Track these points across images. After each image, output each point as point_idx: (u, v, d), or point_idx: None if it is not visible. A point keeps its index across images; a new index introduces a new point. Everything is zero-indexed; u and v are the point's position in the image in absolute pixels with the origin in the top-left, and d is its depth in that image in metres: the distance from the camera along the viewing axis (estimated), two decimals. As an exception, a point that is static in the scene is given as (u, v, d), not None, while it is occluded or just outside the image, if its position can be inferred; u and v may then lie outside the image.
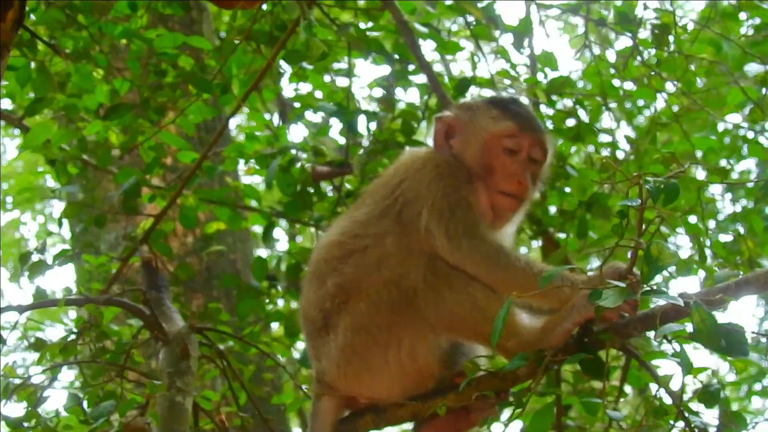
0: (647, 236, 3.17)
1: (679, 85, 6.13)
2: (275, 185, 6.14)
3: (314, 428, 3.81)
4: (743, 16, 6.54)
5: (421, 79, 6.82)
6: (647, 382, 5.28)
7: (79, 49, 5.44)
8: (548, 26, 13.58)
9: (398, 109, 6.73)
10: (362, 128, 6.40)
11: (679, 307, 3.09)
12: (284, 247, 9.59)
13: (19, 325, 4.04)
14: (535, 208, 6.25)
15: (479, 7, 7.06)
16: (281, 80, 7.41)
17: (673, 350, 3.17)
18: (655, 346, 3.52)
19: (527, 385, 3.45)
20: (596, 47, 6.96)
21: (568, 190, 6.29)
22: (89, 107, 5.75)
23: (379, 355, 3.67)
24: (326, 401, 3.81)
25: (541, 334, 3.54)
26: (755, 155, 7.39)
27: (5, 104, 6.37)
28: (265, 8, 5.49)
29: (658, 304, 3.35)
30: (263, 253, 8.31)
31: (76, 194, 6.30)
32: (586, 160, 6.56)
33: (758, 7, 6.31)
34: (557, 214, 6.44)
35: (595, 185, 6.14)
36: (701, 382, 3.28)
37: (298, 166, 6.20)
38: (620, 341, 3.44)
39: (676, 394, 3.24)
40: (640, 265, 3.19)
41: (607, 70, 6.63)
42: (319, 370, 3.82)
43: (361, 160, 6.24)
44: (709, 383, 3.23)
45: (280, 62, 5.73)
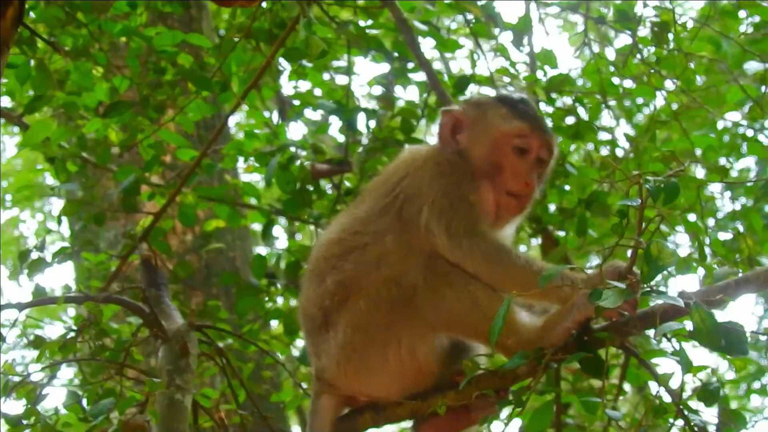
0: (647, 235, 3.16)
1: (678, 83, 6.13)
2: (274, 183, 6.14)
3: (314, 426, 3.81)
4: (743, 14, 6.55)
5: (420, 77, 6.83)
6: (646, 380, 5.28)
7: (78, 46, 5.44)
8: (547, 24, 13.54)
9: (398, 107, 6.74)
10: (362, 126, 6.41)
11: (679, 306, 3.09)
12: (283, 244, 9.61)
13: (18, 322, 4.03)
14: (534, 206, 6.25)
15: (479, 4, 7.06)
16: (280, 78, 7.41)
17: (672, 349, 3.17)
18: (654, 344, 3.51)
19: (527, 383, 3.45)
20: (595, 45, 6.96)
21: (567, 188, 6.29)
22: (89, 105, 5.75)
23: (378, 353, 3.66)
24: (326, 399, 3.81)
25: (540, 332, 3.54)
26: (755, 153, 7.39)
27: (5, 102, 6.37)
28: (264, 6, 5.49)
29: (657, 302, 3.35)
30: (262, 250, 8.31)
31: (75, 192, 6.30)
32: (585, 158, 6.57)
33: (758, 5, 6.31)
34: (557, 212, 6.44)
35: (594, 183, 6.14)
36: (701, 380, 3.28)
37: (297, 163, 6.19)
38: (620, 340, 3.43)
39: (675, 392, 3.24)
40: (639, 264, 3.19)
41: (606, 67, 6.63)
42: (318, 367, 3.81)
43: (360, 158, 6.24)
44: (708, 381, 3.23)
45: (279, 60, 5.72)
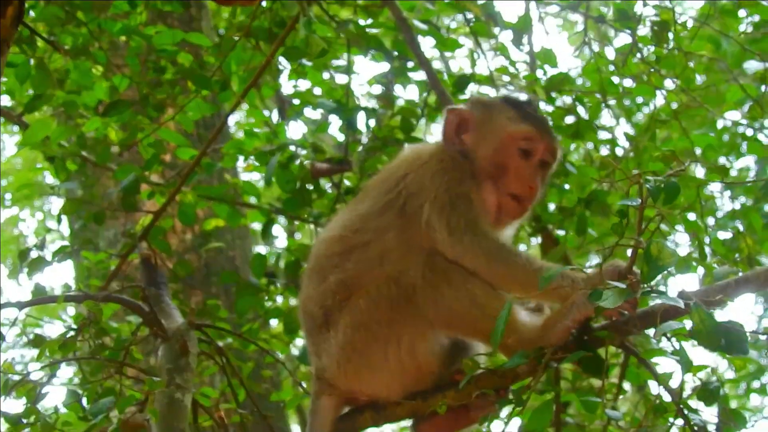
0: (647, 235, 3.16)
1: (678, 82, 6.13)
2: (274, 182, 6.14)
3: (314, 426, 3.80)
4: (742, 13, 6.55)
5: (420, 76, 6.82)
6: (646, 379, 5.28)
7: (78, 45, 5.44)
8: (547, 23, 13.55)
9: (397, 106, 6.73)
10: (361, 125, 6.40)
11: (678, 306, 3.08)
12: (283, 243, 9.62)
13: (18, 321, 4.02)
14: (534, 205, 6.25)
15: (478, 4, 7.06)
16: (280, 77, 7.41)
17: (672, 348, 3.17)
18: (654, 343, 3.51)
19: (527, 382, 3.45)
20: (595, 44, 6.96)
21: (567, 187, 6.29)
22: (88, 104, 5.75)
23: (379, 352, 3.66)
24: (326, 399, 3.80)
25: (540, 331, 3.54)
26: (754, 152, 7.39)
27: (4, 101, 6.36)
28: (264, 5, 5.49)
29: (657, 302, 3.35)
30: (262, 249, 8.31)
31: (75, 191, 6.31)
32: (585, 157, 6.57)
33: (757, 4, 6.32)
34: (556, 211, 6.44)
35: (594, 182, 6.14)
36: (700, 379, 3.28)
37: (297, 163, 6.19)
38: (620, 339, 3.43)
39: (675, 391, 3.24)
40: (639, 263, 3.19)
41: (606, 67, 6.63)
42: (318, 367, 3.80)
43: (360, 157, 6.24)
44: (708, 381, 3.23)
45: (279, 59, 5.72)
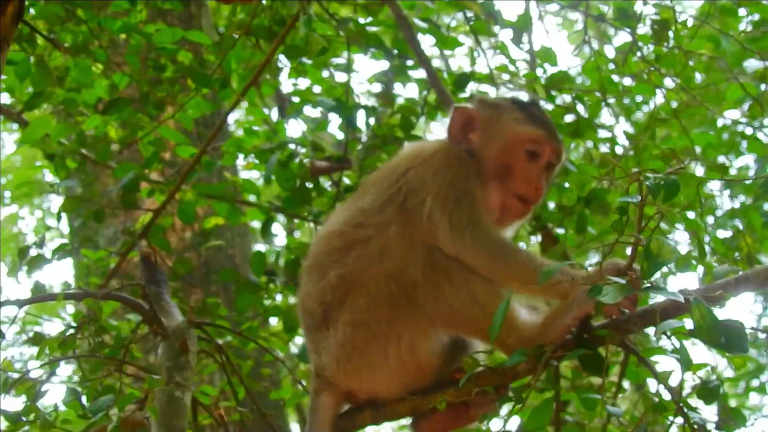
0: (647, 232, 3.16)
1: (678, 80, 6.13)
2: (274, 180, 6.14)
3: (313, 424, 3.79)
4: (742, 12, 6.55)
5: (420, 74, 6.82)
6: (645, 377, 5.28)
7: (78, 43, 5.44)
8: (547, 22, 13.54)
9: (397, 104, 6.74)
10: (361, 123, 6.40)
11: (678, 303, 3.08)
12: (283, 242, 9.61)
13: (17, 319, 4.02)
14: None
15: (478, 2, 7.06)
16: (280, 75, 7.41)
17: (672, 346, 3.17)
18: (653, 342, 3.51)
19: (527, 380, 3.45)
20: (595, 43, 6.96)
21: (567, 185, 6.29)
22: (88, 102, 5.74)
23: (379, 350, 3.65)
24: (325, 397, 3.79)
25: (540, 329, 3.53)
26: (754, 151, 7.39)
27: (4, 98, 6.36)
28: (264, 3, 5.49)
29: (657, 300, 3.36)
30: (262, 248, 8.31)
31: (74, 189, 6.30)
32: (585, 155, 6.57)
33: (757, 3, 6.31)
34: (556, 209, 6.44)
35: (594, 181, 6.14)
36: (700, 378, 3.28)
37: (297, 161, 6.19)
38: (619, 337, 3.43)
39: (675, 390, 3.24)
40: (639, 260, 3.19)
41: (606, 65, 6.62)
42: (318, 365, 3.80)
43: (359, 155, 6.24)
44: (708, 379, 3.23)
45: (279, 57, 5.71)
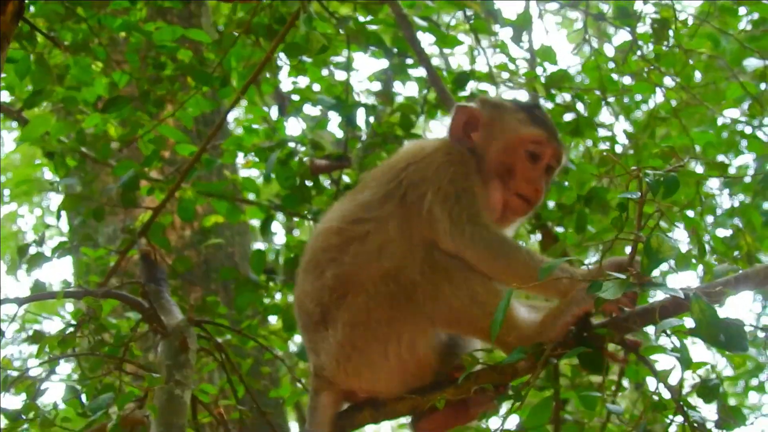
0: (647, 230, 3.17)
1: (678, 79, 6.13)
2: (274, 178, 6.14)
3: (313, 423, 3.78)
4: (742, 10, 6.55)
5: (419, 73, 6.82)
6: (645, 376, 5.28)
7: (78, 41, 5.44)
8: (546, 20, 13.53)
9: (397, 102, 6.73)
10: (361, 122, 6.40)
11: (678, 302, 3.08)
12: (282, 240, 9.61)
13: (17, 317, 4.02)
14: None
15: (478, 1, 7.06)
16: (279, 73, 7.41)
17: (672, 345, 3.17)
18: (653, 340, 3.51)
19: (526, 379, 3.45)
20: (595, 41, 6.96)
21: (566, 184, 6.29)
22: (88, 100, 5.74)
23: (378, 350, 3.64)
24: (325, 396, 3.78)
25: (540, 327, 3.53)
26: (754, 150, 7.39)
27: (4, 96, 6.37)
28: (264, 1, 5.48)
29: (656, 298, 3.36)
30: (261, 246, 8.30)
31: (74, 187, 6.29)
32: (584, 154, 6.56)
33: (757, 2, 6.32)
34: (556, 208, 6.43)
35: (593, 179, 6.14)
36: (700, 376, 3.28)
37: (296, 159, 6.19)
38: (619, 336, 3.44)
39: (674, 388, 3.24)
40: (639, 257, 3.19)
41: (606, 64, 6.62)
42: (317, 364, 3.79)
43: (359, 153, 6.23)
44: (707, 378, 3.23)
45: (278, 55, 5.71)
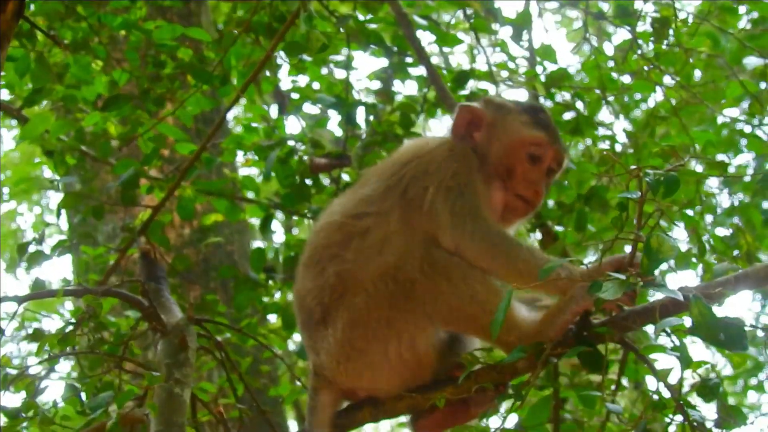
0: (646, 230, 3.17)
1: (677, 78, 6.13)
2: (273, 177, 6.14)
3: (313, 422, 3.77)
4: (742, 9, 6.55)
5: (419, 71, 6.82)
6: (644, 375, 5.28)
7: (78, 40, 5.44)
8: (546, 19, 13.53)
9: (396, 101, 6.73)
10: (361, 120, 6.40)
11: (678, 300, 3.08)
12: (282, 239, 9.61)
13: (17, 315, 4.02)
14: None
15: (478, 0, 7.06)
16: (279, 72, 7.41)
17: (672, 344, 3.17)
18: (652, 339, 3.51)
19: (526, 378, 3.45)
20: (594, 40, 6.96)
21: (566, 183, 6.29)
22: (88, 98, 5.74)
23: (379, 350, 3.64)
24: (324, 395, 3.78)
25: (540, 326, 3.53)
26: (753, 149, 7.39)
27: (4, 94, 6.37)
28: (264, 0, 5.49)
29: (656, 297, 3.36)
30: (261, 244, 8.30)
31: (73, 185, 6.29)
32: (584, 153, 6.57)
33: (757, 1, 6.31)
34: (555, 207, 6.44)
35: (593, 178, 6.15)
36: (699, 376, 3.28)
37: (296, 157, 6.19)
38: (619, 335, 3.44)
39: (674, 388, 3.24)
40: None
41: (605, 63, 6.62)
42: (317, 363, 3.78)
43: (359, 152, 6.23)
44: (707, 377, 3.23)
45: (278, 54, 5.71)
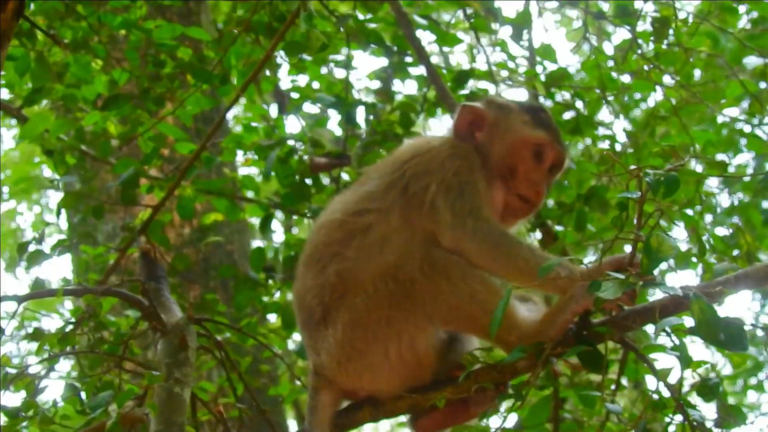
0: (646, 229, 3.17)
1: (677, 78, 6.13)
2: (273, 176, 6.14)
3: (313, 422, 3.76)
4: (742, 9, 6.55)
5: (419, 71, 6.82)
6: (644, 375, 5.29)
7: (78, 39, 5.44)
8: (546, 19, 13.53)
9: (396, 101, 6.73)
10: (360, 120, 6.40)
11: (678, 300, 3.08)
12: (281, 238, 9.61)
13: (17, 315, 4.02)
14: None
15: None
16: (279, 71, 7.40)
17: (672, 344, 3.17)
18: (652, 339, 3.51)
19: (526, 378, 3.45)
20: (594, 39, 6.96)
21: (566, 182, 6.29)
22: (88, 97, 5.74)
23: (379, 350, 3.63)
24: (325, 394, 3.77)
25: (539, 326, 3.53)
26: (753, 149, 7.39)
27: (4, 94, 6.37)
28: (264, -1, 5.49)
29: (656, 297, 3.36)
30: (261, 244, 8.30)
31: (73, 185, 6.29)
32: (584, 152, 6.57)
33: (757, 0, 6.31)
34: (555, 206, 6.44)
35: (593, 178, 6.15)
36: (699, 375, 3.28)
37: (296, 157, 6.20)
38: (619, 334, 3.44)
39: (674, 387, 3.24)
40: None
41: (605, 62, 6.62)
42: (317, 363, 3.77)
43: (358, 151, 6.23)
44: (707, 377, 3.23)
45: (278, 53, 5.71)
